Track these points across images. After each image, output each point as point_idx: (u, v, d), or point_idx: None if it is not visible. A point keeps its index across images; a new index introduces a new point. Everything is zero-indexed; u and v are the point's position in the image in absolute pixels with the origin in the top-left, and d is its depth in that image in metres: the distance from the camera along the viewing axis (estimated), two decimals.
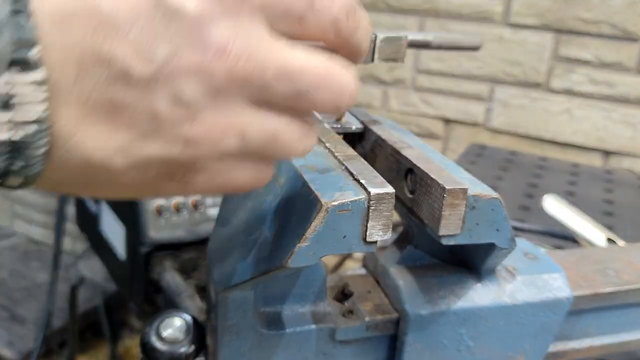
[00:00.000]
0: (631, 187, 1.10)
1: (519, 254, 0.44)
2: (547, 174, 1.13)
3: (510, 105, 1.45)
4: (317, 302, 0.40)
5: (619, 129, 1.35)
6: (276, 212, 0.34)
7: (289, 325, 0.38)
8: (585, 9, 1.31)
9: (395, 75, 1.57)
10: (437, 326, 0.39)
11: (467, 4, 1.43)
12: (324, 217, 0.29)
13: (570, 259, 0.49)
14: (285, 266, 0.30)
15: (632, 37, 1.29)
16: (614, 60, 1.32)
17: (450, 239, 0.33)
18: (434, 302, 0.39)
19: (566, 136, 1.40)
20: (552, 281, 0.42)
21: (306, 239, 0.29)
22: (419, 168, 0.34)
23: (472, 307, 0.39)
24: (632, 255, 0.51)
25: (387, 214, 0.30)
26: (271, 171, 0.28)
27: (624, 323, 0.48)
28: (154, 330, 0.38)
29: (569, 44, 1.35)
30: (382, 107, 1.60)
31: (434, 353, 0.40)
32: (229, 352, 0.37)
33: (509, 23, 1.40)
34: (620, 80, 1.32)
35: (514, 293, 0.40)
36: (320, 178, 0.32)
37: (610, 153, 1.38)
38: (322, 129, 0.40)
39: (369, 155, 0.42)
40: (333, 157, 0.35)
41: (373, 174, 0.32)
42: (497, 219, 0.33)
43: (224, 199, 0.43)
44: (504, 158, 1.23)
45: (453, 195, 0.31)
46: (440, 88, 1.52)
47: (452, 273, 0.41)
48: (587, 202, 0.98)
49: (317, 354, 0.39)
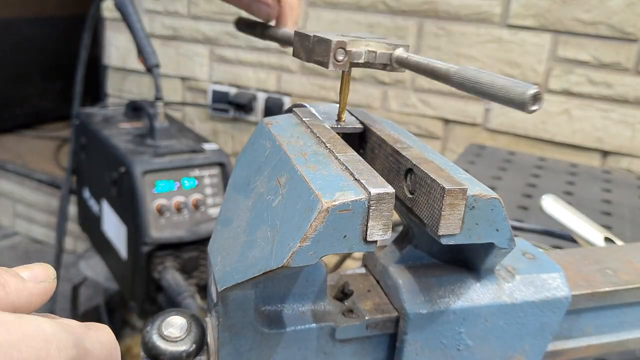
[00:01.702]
0: (629, 187, 1.10)
1: (518, 254, 0.44)
2: (546, 174, 1.13)
3: None
4: (317, 301, 0.40)
5: (618, 129, 1.35)
6: (277, 211, 0.34)
7: (289, 324, 0.38)
8: (584, 10, 1.32)
9: (395, 75, 1.57)
10: (437, 325, 0.39)
11: (466, 5, 1.44)
12: (324, 217, 0.29)
13: (568, 259, 0.49)
14: (286, 266, 0.30)
15: (630, 38, 1.29)
16: (612, 60, 1.32)
17: (449, 238, 0.33)
18: (433, 301, 0.39)
19: (565, 136, 1.41)
20: (550, 281, 0.42)
21: (307, 238, 0.30)
22: (418, 168, 0.34)
23: (472, 307, 0.40)
24: (631, 255, 0.51)
25: (387, 214, 0.31)
26: None
27: (623, 322, 0.48)
28: (155, 329, 0.38)
29: (568, 45, 1.35)
30: (381, 108, 1.61)
31: (433, 352, 0.40)
32: (230, 351, 0.38)
33: (507, 24, 1.41)
34: (619, 81, 1.32)
35: (513, 292, 0.41)
36: (321, 178, 0.32)
37: (608, 153, 1.38)
38: (322, 129, 0.40)
39: (369, 155, 0.42)
40: (333, 157, 0.36)
41: (373, 174, 0.33)
42: (496, 219, 0.33)
43: (225, 198, 0.43)
44: (503, 158, 1.23)
45: (453, 196, 0.31)
46: (439, 89, 1.52)
47: (451, 273, 0.41)
48: (586, 201, 0.98)
49: (318, 352, 0.40)
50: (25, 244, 2.23)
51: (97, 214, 1.52)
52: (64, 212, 1.77)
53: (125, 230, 1.32)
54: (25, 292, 0.28)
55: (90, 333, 0.29)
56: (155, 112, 1.41)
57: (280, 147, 0.38)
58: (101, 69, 2.08)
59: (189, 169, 1.33)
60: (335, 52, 0.39)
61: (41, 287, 0.29)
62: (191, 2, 1.83)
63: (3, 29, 2.28)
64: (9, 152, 2.31)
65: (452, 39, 1.47)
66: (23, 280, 0.28)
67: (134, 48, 1.44)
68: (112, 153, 1.34)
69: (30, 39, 2.38)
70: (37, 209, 2.19)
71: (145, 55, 1.41)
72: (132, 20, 1.42)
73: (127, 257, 1.33)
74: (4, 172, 2.22)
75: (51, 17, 2.46)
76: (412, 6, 1.50)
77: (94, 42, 1.86)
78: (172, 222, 1.28)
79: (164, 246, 1.27)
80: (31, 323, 0.25)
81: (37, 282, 0.29)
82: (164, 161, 1.30)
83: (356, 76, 1.61)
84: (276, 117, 0.44)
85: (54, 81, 2.53)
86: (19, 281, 0.28)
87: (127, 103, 1.61)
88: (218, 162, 1.37)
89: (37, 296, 0.29)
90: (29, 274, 0.29)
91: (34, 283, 0.29)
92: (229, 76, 1.83)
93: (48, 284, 0.29)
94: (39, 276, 0.29)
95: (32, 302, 0.28)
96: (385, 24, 1.54)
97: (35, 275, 0.29)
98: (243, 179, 0.41)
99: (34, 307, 0.29)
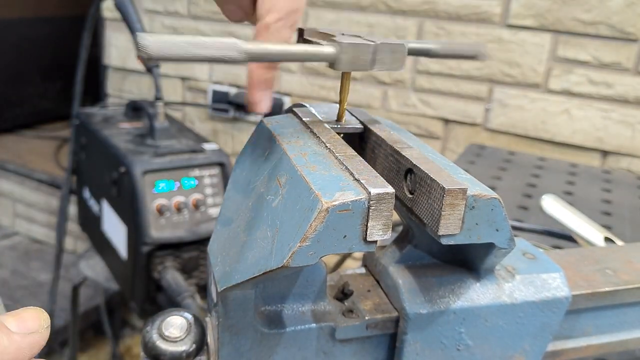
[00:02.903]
0: (629, 187, 1.10)
1: (518, 254, 0.44)
2: (546, 174, 1.13)
3: (509, 106, 1.45)
4: (317, 301, 0.40)
5: (618, 129, 1.35)
6: (277, 211, 0.34)
7: (289, 324, 0.38)
8: (584, 10, 1.32)
9: (395, 76, 1.57)
10: (437, 325, 0.39)
11: (466, 5, 1.44)
12: (324, 217, 0.29)
13: (568, 259, 0.49)
14: (286, 266, 0.30)
15: (630, 38, 1.29)
16: (612, 60, 1.32)
17: (449, 238, 0.33)
18: (433, 301, 0.39)
19: (565, 136, 1.41)
20: (551, 281, 0.42)
21: (307, 238, 0.30)
22: (418, 168, 0.34)
23: (472, 307, 0.40)
24: (631, 255, 0.51)
25: (387, 214, 0.31)
26: None
27: (623, 322, 0.48)
28: (155, 329, 0.38)
29: (568, 45, 1.35)
30: (381, 108, 1.61)
31: (433, 352, 0.40)
32: (230, 351, 0.38)
33: (507, 24, 1.41)
34: (619, 81, 1.32)
35: (513, 292, 0.41)
36: (321, 178, 0.32)
37: (608, 153, 1.38)
38: (322, 129, 0.40)
39: (369, 155, 0.42)
40: (333, 157, 0.36)
41: (373, 174, 0.33)
42: (496, 219, 0.33)
43: (225, 198, 0.43)
44: (503, 158, 1.23)
45: (453, 196, 0.31)
46: (439, 88, 1.52)
47: (451, 273, 0.41)
48: (586, 201, 0.98)
49: (317, 352, 0.40)
50: (25, 244, 2.23)
51: (97, 214, 1.52)
52: (64, 212, 1.77)
53: (125, 230, 1.32)
54: (11, 348, 0.26)
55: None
56: (155, 112, 1.41)
57: (280, 147, 0.38)
58: (101, 69, 2.08)
59: (189, 169, 1.33)
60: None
61: (30, 339, 0.26)
62: (191, 2, 1.83)
63: (3, 29, 2.28)
64: (9, 152, 2.31)
65: (452, 39, 1.47)
66: (10, 334, 0.26)
67: (134, 48, 1.44)
68: (112, 153, 1.34)
69: (30, 39, 2.38)
70: (37, 209, 2.19)
71: None
72: (132, 20, 1.42)
73: (127, 257, 1.33)
74: (4, 172, 2.22)
75: (51, 17, 2.46)
76: (412, 6, 1.50)
77: (94, 42, 1.86)
78: (172, 222, 1.28)
79: (164, 246, 1.27)
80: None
81: (26, 333, 0.26)
82: (164, 161, 1.30)
83: (356, 76, 1.61)
84: (276, 117, 0.44)
85: (54, 81, 2.53)
86: (4, 336, 0.25)
87: (127, 103, 1.61)
88: (218, 162, 1.37)
89: (26, 351, 0.26)
90: (17, 324, 0.26)
91: (22, 336, 0.26)
92: (229, 76, 1.83)
93: (39, 335, 0.27)
94: (29, 326, 0.27)
95: (19, 359, 0.26)
96: (385, 24, 1.54)
97: (25, 325, 0.27)
98: (243, 179, 0.41)
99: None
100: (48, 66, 2.48)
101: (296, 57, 0.36)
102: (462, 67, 1.48)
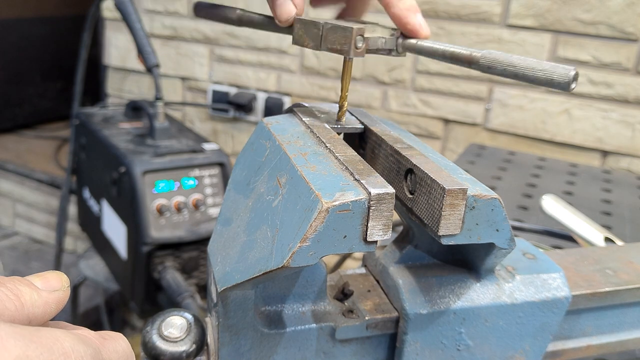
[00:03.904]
0: (629, 187, 1.10)
1: (518, 254, 0.44)
2: (546, 174, 1.13)
3: (509, 106, 1.45)
4: (317, 301, 0.40)
5: (618, 129, 1.35)
6: (277, 211, 0.34)
7: (289, 325, 0.38)
8: (584, 10, 1.32)
9: (395, 75, 1.57)
10: (437, 325, 0.39)
11: (466, 5, 1.44)
12: (324, 217, 0.29)
13: (569, 259, 0.49)
14: (286, 266, 0.30)
15: (630, 38, 1.29)
16: (612, 60, 1.32)
17: (450, 238, 0.33)
18: (433, 301, 0.39)
19: (565, 136, 1.41)
20: (551, 281, 0.42)
21: (307, 239, 0.30)
22: (419, 168, 0.34)
23: (472, 307, 0.40)
24: (631, 255, 0.51)
25: (387, 214, 0.31)
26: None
27: (623, 322, 0.48)
28: (155, 329, 0.38)
29: (568, 45, 1.35)
30: (381, 108, 1.61)
31: (433, 352, 0.40)
32: (230, 351, 0.38)
33: (507, 24, 1.41)
34: (619, 81, 1.32)
35: (513, 293, 0.41)
36: (321, 178, 0.32)
37: (608, 153, 1.38)
38: (322, 129, 0.40)
39: (369, 155, 0.42)
40: (333, 157, 0.36)
41: (373, 174, 0.33)
42: (496, 219, 0.33)
43: (225, 198, 0.43)
44: (503, 158, 1.23)
45: (453, 196, 0.31)
46: (439, 88, 1.52)
47: (451, 273, 0.41)
48: (586, 201, 0.98)
49: (318, 352, 0.40)
50: (25, 244, 2.23)
51: (97, 214, 1.52)
52: (64, 212, 1.77)
53: (125, 230, 1.32)
54: (40, 302, 0.27)
55: (106, 343, 0.28)
56: (155, 112, 1.41)
57: (280, 147, 0.38)
58: (101, 69, 2.08)
59: (189, 169, 1.33)
60: (355, 40, 0.39)
61: (55, 296, 0.28)
62: (191, 2, 1.82)
63: (3, 29, 2.28)
64: (9, 152, 2.31)
65: (452, 39, 1.47)
66: (37, 289, 0.28)
67: (134, 48, 1.44)
68: (112, 153, 1.34)
69: (30, 39, 2.38)
70: (37, 209, 2.19)
71: (145, 55, 1.41)
72: (132, 20, 1.42)
73: (127, 257, 1.33)
74: (4, 172, 2.22)
75: (51, 17, 2.46)
76: None
77: (94, 42, 1.86)
78: (172, 222, 1.28)
79: (163, 246, 1.27)
80: (50, 336, 0.25)
81: (51, 291, 0.28)
82: (164, 161, 1.30)
83: (356, 76, 1.60)
84: (276, 117, 0.44)
85: (54, 81, 2.53)
86: (34, 291, 0.27)
87: (127, 103, 1.61)
88: (218, 162, 1.37)
89: (52, 306, 0.28)
90: (42, 283, 0.28)
91: (48, 292, 0.28)
92: (229, 76, 1.83)
93: (62, 292, 0.29)
94: (53, 285, 0.29)
95: (47, 313, 0.28)
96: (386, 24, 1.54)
97: (49, 284, 0.29)
98: (243, 179, 0.41)
99: (49, 317, 0.28)
100: (48, 66, 2.48)
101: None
102: (462, 67, 1.48)
